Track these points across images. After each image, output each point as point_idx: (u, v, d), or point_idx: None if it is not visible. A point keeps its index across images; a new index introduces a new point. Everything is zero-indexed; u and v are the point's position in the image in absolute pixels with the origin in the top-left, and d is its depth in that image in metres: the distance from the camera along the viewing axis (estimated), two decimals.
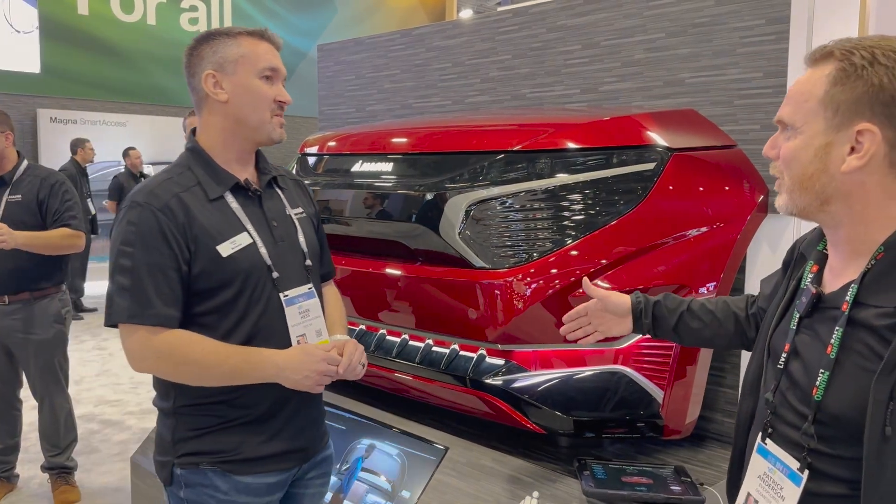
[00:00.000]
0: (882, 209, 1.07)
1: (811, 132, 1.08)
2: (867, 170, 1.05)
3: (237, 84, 1.64)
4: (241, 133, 1.67)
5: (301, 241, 1.75)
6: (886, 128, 1.02)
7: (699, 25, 2.64)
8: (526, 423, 2.04)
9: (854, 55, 1.04)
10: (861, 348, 1.05)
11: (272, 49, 1.70)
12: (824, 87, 1.06)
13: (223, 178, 1.66)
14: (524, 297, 1.99)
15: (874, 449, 1.01)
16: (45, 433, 3.63)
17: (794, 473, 1.14)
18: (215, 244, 1.59)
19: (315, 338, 1.72)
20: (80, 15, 10.92)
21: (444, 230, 2.10)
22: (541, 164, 2.09)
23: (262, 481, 1.66)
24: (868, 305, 1.06)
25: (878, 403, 1.00)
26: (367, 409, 2.47)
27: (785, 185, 1.14)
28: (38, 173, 3.43)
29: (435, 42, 3.70)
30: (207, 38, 1.67)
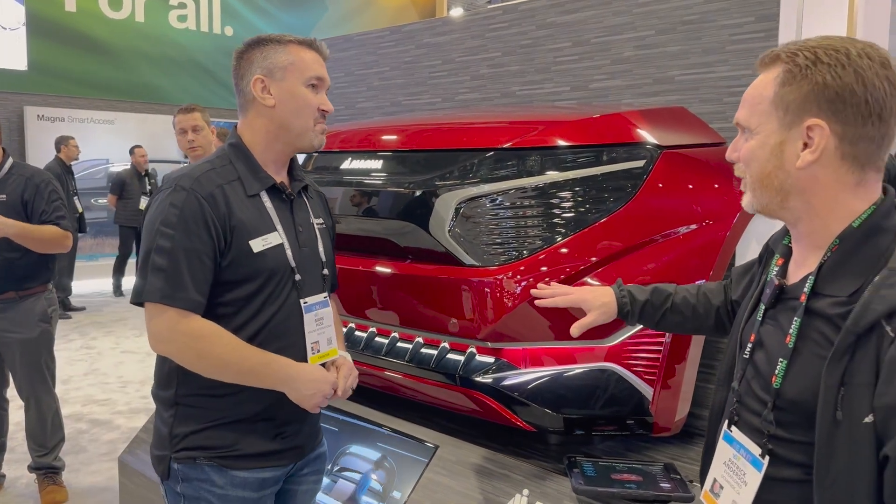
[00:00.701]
0: (837, 202, 1.12)
1: (766, 132, 1.14)
2: (820, 163, 1.10)
3: (284, 90, 1.68)
4: (284, 138, 1.71)
5: (320, 250, 1.80)
6: (834, 122, 1.08)
7: (688, 23, 2.65)
8: (516, 421, 2.03)
9: (798, 56, 1.10)
10: (817, 336, 1.10)
11: (319, 59, 1.76)
12: (774, 89, 1.13)
13: (262, 177, 1.70)
14: (514, 295, 1.99)
15: (825, 433, 1.05)
16: (32, 433, 3.60)
17: (755, 459, 1.19)
18: (249, 238, 1.62)
19: (326, 346, 1.76)
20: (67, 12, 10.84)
21: (434, 228, 2.09)
22: (531, 162, 2.09)
23: (258, 476, 1.68)
24: (824, 295, 1.11)
25: (829, 389, 1.05)
26: (357, 407, 2.46)
27: (748, 184, 1.20)
28: (23, 172, 3.40)
29: (424, 39, 3.69)
30: (258, 44, 1.71)
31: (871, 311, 1.03)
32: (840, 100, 1.07)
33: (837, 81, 1.07)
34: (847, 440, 1.04)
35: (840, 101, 1.07)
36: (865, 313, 1.03)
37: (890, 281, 1.03)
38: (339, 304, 2.35)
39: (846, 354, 1.04)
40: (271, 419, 1.69)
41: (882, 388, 1.01)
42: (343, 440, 2.39)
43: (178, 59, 12.04)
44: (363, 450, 2.33)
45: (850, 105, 1.07)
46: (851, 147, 1.09)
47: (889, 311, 1.01)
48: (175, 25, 12.16)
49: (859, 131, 1.08)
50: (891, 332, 1.01)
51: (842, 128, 1.08)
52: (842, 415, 1.04)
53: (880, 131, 1.09)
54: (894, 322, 1.01)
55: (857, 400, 1.03)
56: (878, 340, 1.02)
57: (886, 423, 1.00)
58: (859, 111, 1.07)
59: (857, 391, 1.03)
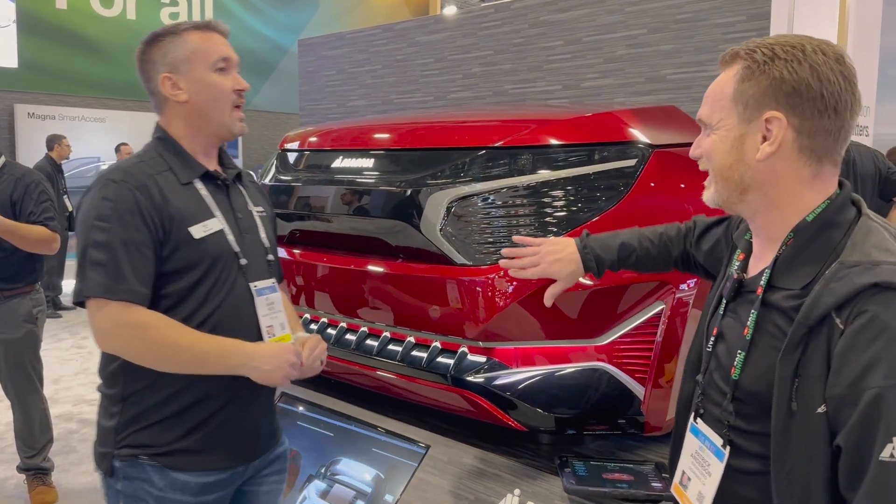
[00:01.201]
0: (793, 195, 1.15)
1: (726, 127, 1.18)
2: (779, 156, 1.13)
3: (194, 81, 1.65)
4: (205, 129, 1.69)
5: (262, 237, 1.77)
6: (791, 115, 1.11)
7: (681, 22, 2.64)
8: (508, 421, 2.03)
9: (756, 53, 1.14)
10: (772, 329, 1.14)
11: (221, 38, 1.71)
12: (733, 85, 1.16)
13: (193, 165, 1.67)
14: (506, 294, 1.98)
15: (781, 423, 1.08)
16: (20, 434, 3.58)
17: (718, 450, 1.22)
18: (188, 225, 1.60)
19: (280, 330, 1.73)
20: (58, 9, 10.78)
21: (426, 227, 2.08)
22: (522, 161, 2.08)
23: (198, 480, 1.64)
24: (779, 288, 1.15)
25: (784, 380, 1.08)
26: (349, 407, 2.45)
27: (710, 178, 1.23)
28: (14, 172, 3.37)
29: (417, 37, 3.68)
30: (155, 41, 1.67)
31: (822, 303, 1.05)
32: (797, 94, 1.10)
33: (794, 76, 1.10)
34: (802, 430, 1.06)
35: (797, 94, 1.10)
36: (816, 306, 1.06)
37: (840, 274, 1.06)
38: (331, 304, 2.34)
39: (799, 346, 1.07)
40: (218, 420, 1.65)
41: (833, 380, 1.03)
42: (335, 441, 2.39)
43: None
44: (355, 451, 2.32)
45: (807, 99, 1.10)
46: (809, 140, 1.12)
47: (838, 304, 1.04)
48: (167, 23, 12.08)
49: (816, 124, 1.11)
50: (840, 324, 1.03)
51: (799, 121, 1.11)
52: (796, 405, 1.07)
53: (836, 124, 1.12)
54: (844, 314, 1.03)
55: (810, 391, 1.05)
56: (828, 332, 1.05)
57: (838, 414, 1.03)
58: (815, 105, 1.10)
59: (811, 382, 1.06)
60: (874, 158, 4.28)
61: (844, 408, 1.02)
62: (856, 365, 1.01)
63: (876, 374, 0.99)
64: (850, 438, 1.01)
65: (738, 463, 1.19)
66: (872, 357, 1.00)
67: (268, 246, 1.78)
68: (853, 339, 1.02)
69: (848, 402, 1.01)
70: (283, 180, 2.59)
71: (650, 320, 2.06)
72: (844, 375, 1.02)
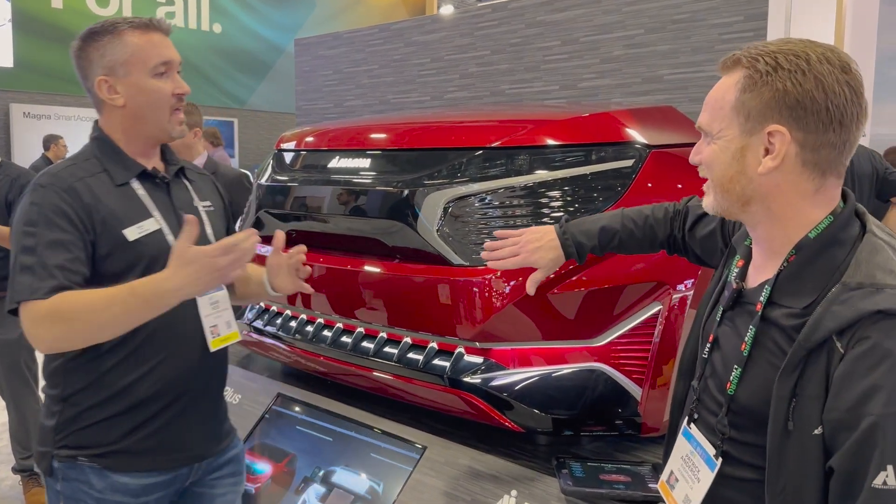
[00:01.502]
0: (797, 209, 1.13)
1: (727, 137, 1.14)
2: (782, 170, 1.10)
3: (131, 86, 1.60)
4: (142, 132, 1.65)
5: (209, 233, 1.74)
6: (795, 129, 1.08)
7: (678, 22, 2.64)
8: (504, 422, 2.02)
9: (759, 62, 1.10)
10: (771, 345, 1.13)
11: (162, 39, 1.65)
12: (735, 95, 1.13)
13: (129, 165, 1.64)
14: (502, 295, 1.98)
15: (777, 442, 1.08)
16: (15, 435, 3.57)
17: (710, 459, 1.22)
18: (121, 227, 1.56)
19: (226, 329, 1.72)
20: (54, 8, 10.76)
21: (422, 227, 2.08)
22: (519, 161, 2.08)
23: (139, 482, 1.62)
24: (780, 305, 1.13)
25: (781, 400, 1.07)
26: (345, 408, 2.45)
27: (710, 186, 1.20)
28: (10, 173, 3.36)
29: (414, 37, 3.67)
30: (92, 38, 1.61)
31: (823, 327, 1.04)
32: (801, 107, 1.07)
33: (798, 88, 1.06)
34: (797, 450, 1.06)
35: (801, 108, 1.07)
36: (817, 329, 1.04)
37: (842, 297, 1.04)
38: (327, 304, 2.33)
39: (798, 368, 1.06)
40: (158, 423, 1.64)
41: (831, 403, 1.03)
42: (332, 446, 2.38)
43: None
44: (352, 456, 2.32)
45: (811, 112, 1.07)
46: (813, 154, 1.09)
47: (840, 328, 1.03)
48: None
49: (821, 138, 1.08)
50: (840, 348, 1.03)
51: (803, 135, 1.08)
52: (793, 425, 1.06)
53: (841, 138, 1.08)
54: (844, 338, 1.02)
55: (807, 412, 1.05)
56: (828, 355, 1.04)
57: (834, 437, 1.03)
58: (820, 118, 1.07)
59: (808, 403, 1.05)
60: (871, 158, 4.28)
61: (841, 432, 1.02)
62: (855, 391, 1.01)
63: (875, 402, 0.99)
64: (845, 463, 1.01)
65: (731, 470, 1.19)
66: (872, 385, 0.99)
67: (214, 241, 1.70)
68: (853, 365, 1.01)
69: (845, 426, 1.01)
70: (279, 180, 2.58)
71: (647, 321, 2.06)
72: (843, 400, 1.02)
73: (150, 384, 1.61)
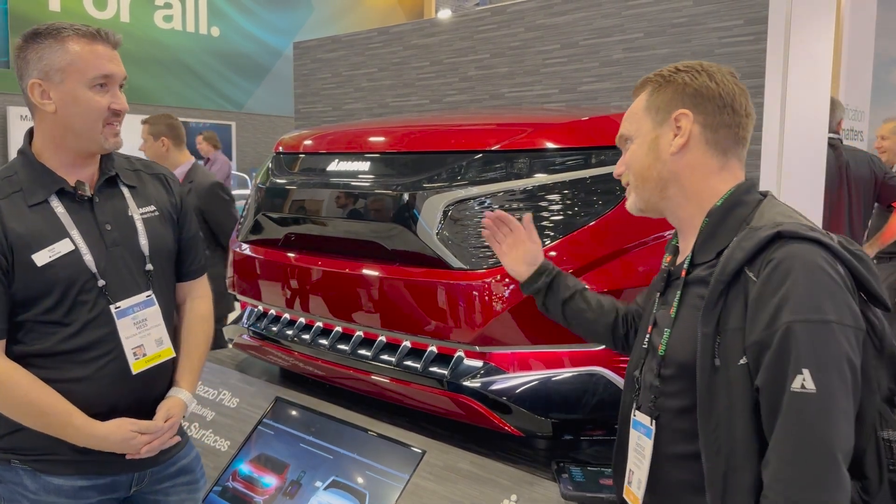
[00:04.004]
0: (707, 185, 1.30)
1: (642, 133, 1.36)
2: (689, 148, 1.30)
3: (65, 94, 1.54)
4: (71, 143, 1.59)
5: (143, 243, 1.66)
6: (696, 112, 1.30)
7: (678, 25, 2.64)
8: (504, 426, 2.02)
9: (663, 72, 1.36)
10: (694, 300, 1.25)
11: (107, 51, 1.58)
12: (645, 99, 1.37)
13: (47, 182, 1.57)
14: (502, 299, 1.97)
15: (705, 380, 1.16)
16: None
17: (648, 430, 1.30)
18: (31, 253, 1.51)
19: (155, 347, 1.66)
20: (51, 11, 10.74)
21: (422, 230, 2.07)
22: (519, 164, 2.07)
23: (73, 483, 1.60)
24: (699, 265, 1.27)
25: (706, 337, 1.16)
26: (343, 412, 2.44)
27: (631, 185, 1.39)
28: None
29: (413, 40, 3.67)
30: (34, 39, 1.56)
31: (734, 259, 1.15)
32: (699, 94, 1.30)
33: (696, 82, 1.31)
34: (725, 384, 1.14)
35: (699, 95, 1.30)
36: (729, 262, 1.16)
37: (749, 235, 1.17)
38: (326, 308, 2.32)
39: (718, 303, 1.16)
40: None
41: (749, 328, 1.12)
42: (330, 450, 2.37)
43: (164, 60, 11.96)
44: (351, 458, 2.30)
45: (708, 98, 1.30)
46: (713, 134, 1.30)
47: (748, 258, 1.14)
48: (161, 26, 12.08)
49: (717, 119, 1.30)
50: (753, 276, 1.13)
51: (703, 117, 1.30)
52: (719, 361, 1.14)
53: (734, 120, 1.30)
54: (755, 267, 1.13)
55: (731, 345, 1.14)
56: (744, 287, 1.14)
57: (757, 360, 1.10)
58: (715, 103, 1.30)
59: (731, 336, 1.14)
60: (870, 162, 4.27)
61: (762, 352, 1.09)
62: (768, 309, 1.09)
63: (784, 312, 1.07)
64: (766, 377, 1.08)
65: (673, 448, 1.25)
66: (781, 298, 1.08)
67: (147, 254, 1.66)
68: (763, 287, 1.11)
69: (764, 345, 1.09)
70: (277, 183, 2.57)
71: None
72: (759, 321, 1.10)
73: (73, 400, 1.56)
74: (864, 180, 4.20)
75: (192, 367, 1.79)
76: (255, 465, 2.42)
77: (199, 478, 1.85)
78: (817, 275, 1.08)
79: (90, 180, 1.64)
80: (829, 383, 1.04)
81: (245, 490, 2.36)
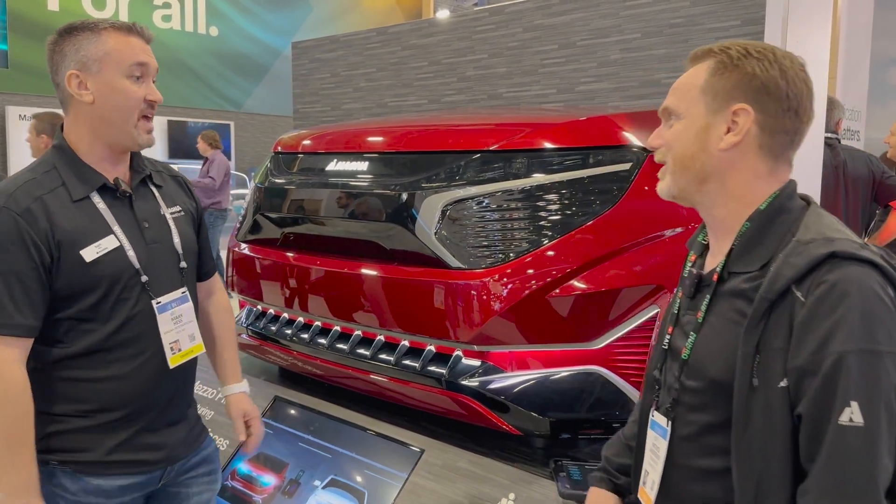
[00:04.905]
0: (750, 187, 1.20)
1: (692, 116, 1.22)
2: (741, 149, 1.18)
3: (103, 83, 1.55)
4: (107, 136, 1.60)
5: (176, 241, 1.69)
6: (757, 111, 1.16)
7: (675, 26, 2.65)
8: (502, 425, 2.02)
9: (731, 50, 1.19)
10: (730, 313, 1.16)
11: (141, 44, 1.61)
12: (704, 77, 1.21)
13: (89, 178, 1.58)
14: (500, 298, 1.98)
15: (742, 400, 1.10)
16: None
17: (663, 430, 1.24)
18: (79, 249, 1.52)
19: (189, 342, 1.68)
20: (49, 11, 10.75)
21: (420, 230, 2.08)
22: (517, 164, 2.08)
23: (114, 483, 1.61)
24: (736, 273, 1.18)
25: (746, 356, 1.09)
26: (342, 411, 2.44)
27: (668, 168, 1.26)
28: None
29: (411, 41, 3.68)
30: (70, 32, 1.58)
31: (782, 276, 1.08)
32: (765, 90, 1.16)
33: (765, 74, 1.15)
34: (763, 405, 1.08)
35: (765, 91, 1.16)
36: (777, 280, 1.08)
37: (798, 250, 1.09)
38: (325, 307, 2.33)
39: (761, 322, 1.09)
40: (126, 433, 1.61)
41: (794, 352, 1.05)
42: (329, 448, 2.37)
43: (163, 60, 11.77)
44: (350, 457, 2.31)
45: (774, 97, 1.16)
46: (769, 138, 1.17)
47: (798, 276, 1.06)
48: (159, 25, 12.08)
49: (778, 123, 1.17)
50: (801, 296, 1.06)
51: (764, 117, 1.16)
52: (758, 381, 1.08)
53: (794, 126, 1.18)
54: (804, 287, 1.06)
55: (771, 365, 1.07)
56: (790, 306, 1.07)
57: (799, 385, 1.05)
58: (780, 104, 1.16)
59: (772, 356, 1.07)
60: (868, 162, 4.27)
61: (805, 378, 1.04)
62: (816, 335, 1.03)
63: (836, 340, 1.01)
64: (810, 406, 1.03)
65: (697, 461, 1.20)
66: (832, 325, 1.02)
67: (181, 252, 1.69)
68: (813, 310, 1.04)
69: (809, 371, 1.03)
70: (276, 183, 2.58)
71: (645, 324, 2.06)
72: (805, 346, 1.04)
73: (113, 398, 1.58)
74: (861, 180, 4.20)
75: (233, 358, 1.88)
76: (254, 464, 2.43)
77: (217, 469, 1.86)
78: (872, 302, 1.03)
79: (124, 178, 1.65)
80: (877, 416, 1.00)
81: (244, 489, 2.37)
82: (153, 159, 1.77)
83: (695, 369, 1.20)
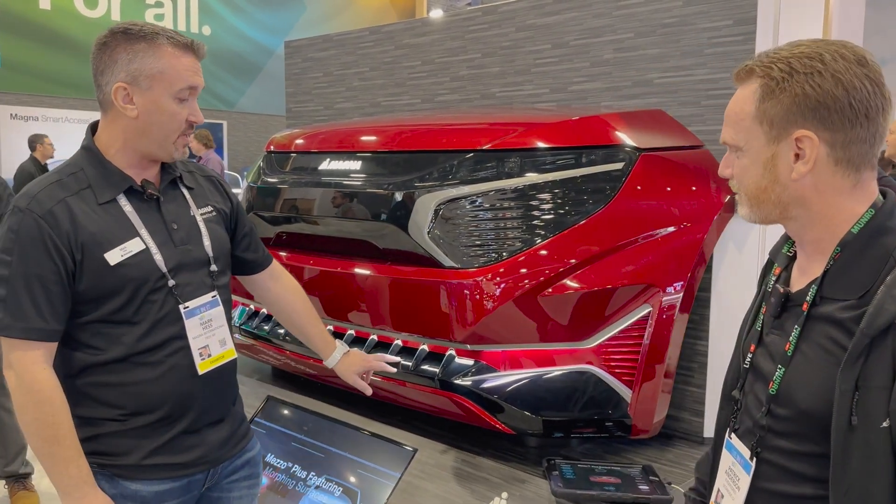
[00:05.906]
0: (837, 207, 1.10)
1: (755, 148, 1.11)
2: (815, 173, 1.08)
3: (150, 102, 1.53)
4: (142, 147, 1.57)
5: (206, 244, 1.66)
6: (822, 130, 1.05)
7: (668, 26, 2.66)
8: (495, 424, 2.03)
9: (773, 69, 1.08)
10: (825, 342, 1.07)
11: (194, 63, 1.59)
12: (754, 105, 1.10)
13: (116, 181, 1.56)
14: (494, 297, 1.98)
15: (840, 439, 1.02)
16: None
17: (746, 463, 1.17)
18: (103, 252, 1.50)
19: (219, 348, 1.65)
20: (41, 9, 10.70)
21: (413, 229, 2.08)
22: (510, 164, 2.08)
23: (151, 489, 1.59)
24: (831, 300, 1.08)
25: (844, 394, 1.02)
26: (335, 410, 2.44)
27: (743, 199, 1.17)
28: None
29: (405, 40, 3.68)
30: (127, 39, 1.54)
31: (885, 311, 0.99)
32: (823, 107, 1.04)
33: (817, 90, 1.04)
34: (863, 445, 1.01)
35: (824, 108, 1.04)
36: (879, 315, 1.00)
37: None
38: (318, 307, 2.33)
39: (861, 358, 1.01)
40: (171, 430, 1.59)
41: None
42: (322, 448, 2.37)
43: None
44: (343, 456, 2.31)
45: (835, 111, 1.04)
46: (844, 152, 1.07)
47: None
48: None
49: (849, 135, 1.06)
50: None
51: (831, 135, 1.05)
52: (857, 420, 1.01)
53: (870, 131, 1.06)
54: None
55: (872, 404, 1.00)
56: (893, 342, 0.99)
57: None
58: (845, 115, 1.04)
59: (873, 395, 1.00)
60: None
61: None
62: None
63: None
64: None
65: (792, 489, 1.13)
66: None
67: (211, 255, 1.66)
68: None
69: None
70: (269, 182, 2.58)
71: (637, 323, 2.07)
72: None
73: (145, 402, 1.56)
74: None
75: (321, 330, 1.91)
76: None
77: (259, 472, 1.83)
78: None
79: (153, 180, 1.63)
80: None
81: None
82: (186, 160, 1.74)
83: (784, 398, 1.12)
